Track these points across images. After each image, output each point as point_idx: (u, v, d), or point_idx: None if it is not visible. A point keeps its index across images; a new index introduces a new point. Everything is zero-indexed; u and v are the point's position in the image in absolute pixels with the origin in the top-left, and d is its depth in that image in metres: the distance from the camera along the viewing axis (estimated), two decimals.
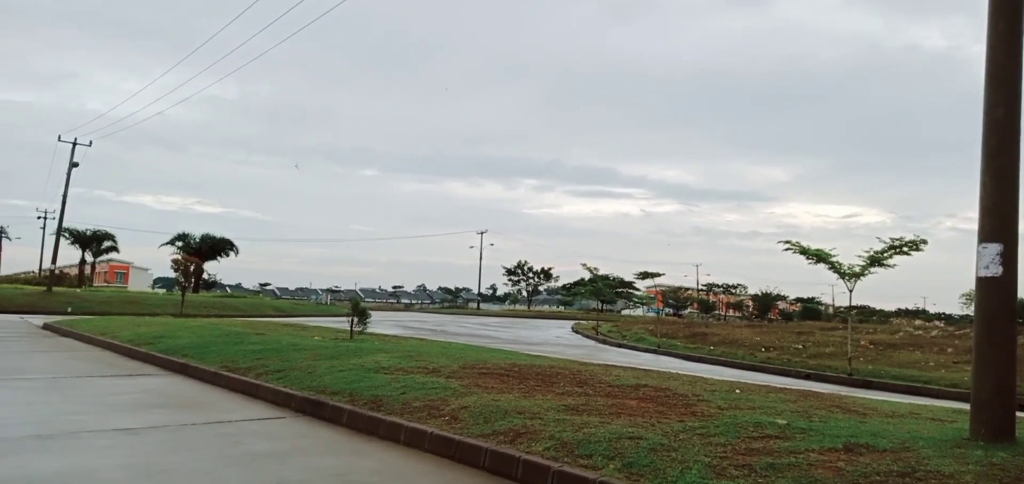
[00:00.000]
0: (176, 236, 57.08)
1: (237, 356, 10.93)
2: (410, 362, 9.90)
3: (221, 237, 59.34)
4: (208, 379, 10.10)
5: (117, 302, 35.45)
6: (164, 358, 11.84)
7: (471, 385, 8.08)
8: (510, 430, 5.97)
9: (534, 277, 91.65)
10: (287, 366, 9.80)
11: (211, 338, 13.34)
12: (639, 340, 26.48)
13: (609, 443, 5.39)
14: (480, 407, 6.79)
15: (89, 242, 56.93)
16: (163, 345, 12.86)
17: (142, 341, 13.63)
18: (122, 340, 14.22)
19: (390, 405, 7.21)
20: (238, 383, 9.41)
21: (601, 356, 18.32)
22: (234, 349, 11.71)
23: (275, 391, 8.58)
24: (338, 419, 7.32)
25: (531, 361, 11.31)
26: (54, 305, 31.63)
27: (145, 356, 12.48)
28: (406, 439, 6.40)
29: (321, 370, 9.32)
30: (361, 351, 11.33)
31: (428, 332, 25.54)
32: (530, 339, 26.21)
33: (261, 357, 10.71)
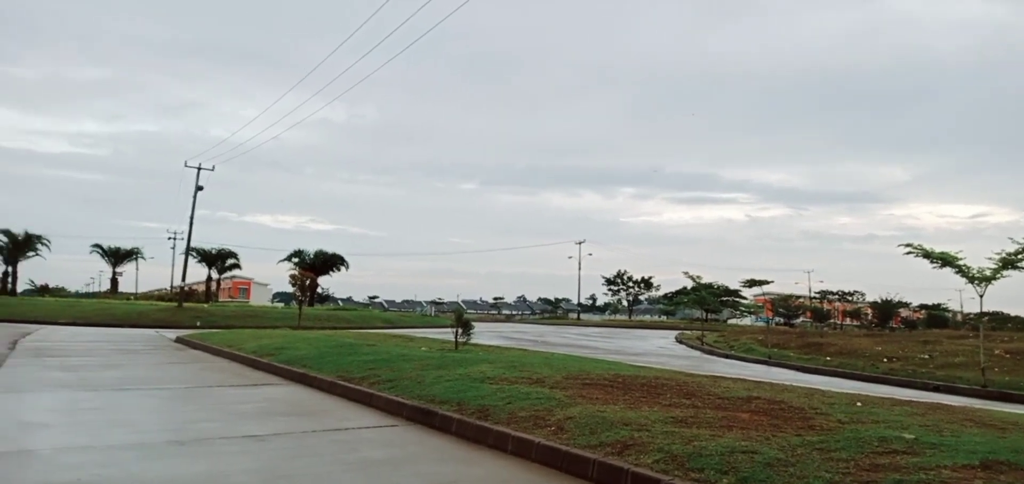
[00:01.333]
0: (292, 253, 60.34)
1: (351, 366, 11.43)
2: (514, 372, 10.01)
3: (333, 253, 62.20)
4: (325, 388, 10.61)
5: (240, 316, 37.85)
6: (285, 368, 12.54)
7: (575, 396, 8.08)
8: (617, 441, 5.93)
9: (634, 286, 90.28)
10: (397, 376, 10.14)
11: (326, 349, 14.01)
12: (748, 351, 25.54)
13: (721, 457, 5.25)
14: (585, 418, 6.79)
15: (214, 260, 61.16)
16: (283, 356, 13.62)
17: (264, 353, 14.50)
18: (247, 352, 15.18)
19: (496, 415, 7.32)
20: (353, 392, 9.83)
21: (707, 367, 17.82)
22: (348, 360, 12.24)
23: (387, 400, 8.90)
24: (447, 428, 7.51)
25: (635, 372, 11.17)
26: (184, 319, 34.16)
27: (268, 366, 13.26)
28: (513, 449, 6.48)
29: (429, 380, 9.59)
30: (466, 362, 11.56)
31: (529, 343, 25.70)
32: (632, 349, 25.85)
33: (373, 367, 11.15)
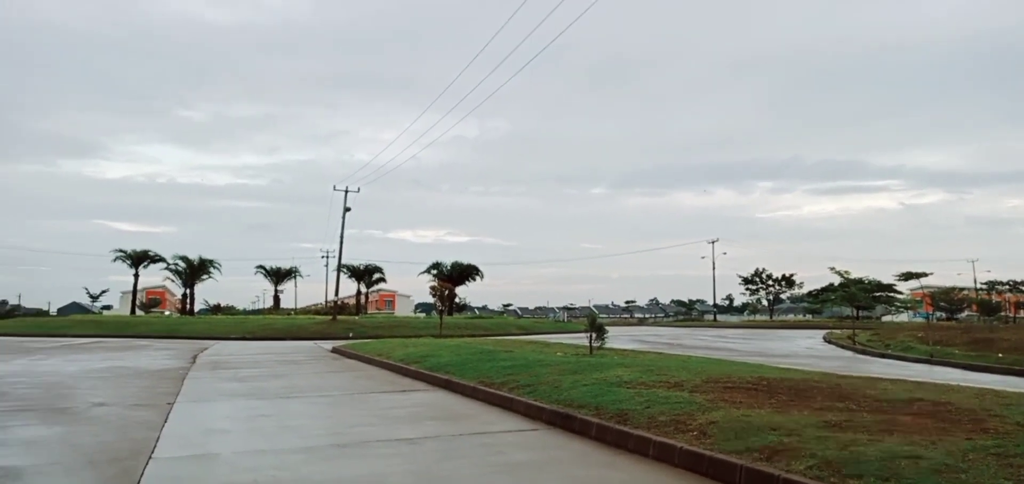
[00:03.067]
0: (431, 265, 63.07)
1: (491, 372, 11.80)
2: (651, 376, 9.92)
3: (468, 264, 64.24)
4: (468, 393, 11.03)
5: (387, 326, 39.92)
6: (430, 375, 13.15)
7: (717, 400, 7.90)
8: (765, 447, 5.76)
9: (774, 285, 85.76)
10: (535, 381, 10.35)
11: (467, 356, 14.53)
12: (906, 349, 23.61)
13: (881, 463, 4.96)
14: (729, 422, 6.63)
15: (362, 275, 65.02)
16: (428, 363, 14.28)
17: (411, 360, 15.27)
18: (395, 360, 16.05)
19: (636, 419, 7.32)
20: (494, 397, 10.15)
21: (860, 368, 16.68)
22: (488, 366, 12.64)
23: (527, 405, 9.12)
24: (587, 432, 7.59)
25: (780, 374, 10.72)
26: (338, 331, 36.51)
27: (415, 373, 13.96)
28: (655, 454, 6.45)
29: (566, 384, 9.71)
30: (602, 366, 11.59)
31: (664, 346, 25.22)
32: (775, 351, 24.67)
33: (512, 373, 11.44)
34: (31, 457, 6.51)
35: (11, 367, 16.46)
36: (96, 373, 14.86)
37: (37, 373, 14.83)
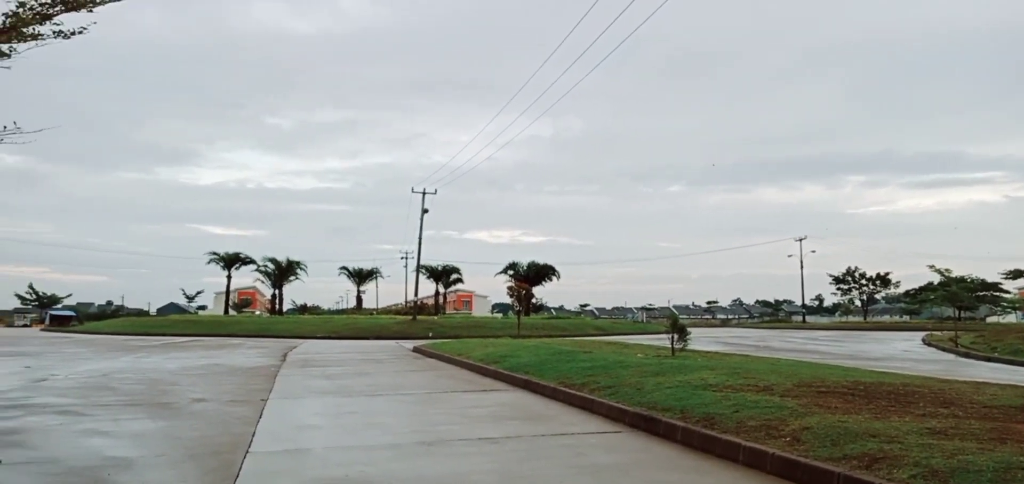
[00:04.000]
0: (507, 265, 63.42)
1: (571, 373, 11.74)
2: (738, 379, 9.64)
3: (544, 264, 64.24)
4: (548, 394, 11.01)
5: (465, 326, 40.45)
6: (509, 375, 13.22)
7: (810, 404, 7.59)
8: (864, 454, 5.48)
9: (867, 284, 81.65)
10: (616, 382, 10.23)
11: (546, 356, 14.52)
12: (1015, 353, 22.03)
13: (995, 473, 4.64)
14: (824, 428, 6.35)
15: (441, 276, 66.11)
16: (507, 363, 14.36)
17: (490, 360, 15.39)
18: (474, 360, 16.22)
19: (723, 423, 7.11)
20: (574, 398, 10.10)
21: (964, 372, 15.69)
22: (567, 366, 12.59)
23: (608, 406, 9.03)
24: (672, 436, 7.44)
25: (877, 378, 10.20)
26: (418, 331, 37.25)
27: (494, 373, 14.06)
28: (745, 459, 6.25)
29: (649, 386, 9.55)
30: (685, 368, 11.35)
31: (750, 348, 24.46)
32: (870, 354, 23.50)
33: (591, 374, 11.36)
34: (140, 449, 6.92)
35: (118, 364, 17.60)
36: (194, 370, 15.69)
37: (141, 370, 15.79)
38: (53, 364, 17.23)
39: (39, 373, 14.70)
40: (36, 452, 6.70)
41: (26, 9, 3.29)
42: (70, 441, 7.29)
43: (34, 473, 5.89)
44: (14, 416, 8.84)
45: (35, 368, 15.98)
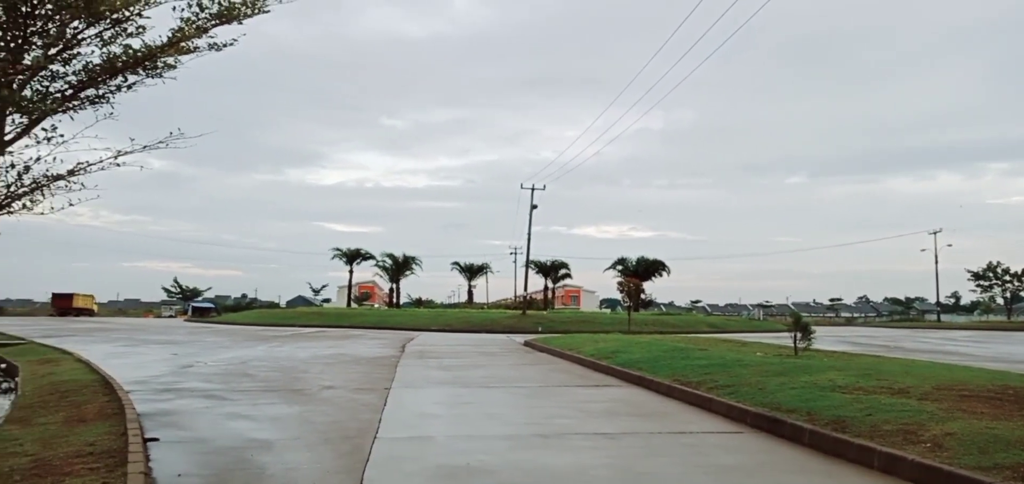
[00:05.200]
0: (616, 261, 62.54)
1: (686, 370, 11.50)
2: (869, 381, 9.11)
3: (654, 259, 62.93)
4: (663, 391, 10.84)
5: (575, 321, 40.46)
6: (622, 371, 13.12)
7: (952, 409, 7.06)
8: (1019, 464, 5.05)
9: (1012, 280, 74.49)
10: (736, 381, 9.93)
11: (659, 353, 14.29)
12: None
13: None
14: (970, 435, 5.90)
15: (549, 271, 66.30)
16: (619, 359, 14.25)
17: (602, 356, 15.33)
18: (585, 355, 16.21)
19: (856, 427, 6.75)
20: (691, 396, 9.88)
21: None
22: (682, 364, 12.34)
23: (728, 405, 8.77)
24: (798, 438, 7.13)
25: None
26: (527, 325, 37.63)
27: (606, 369, 14.00)
28: (880, 465, 5.90)
29: (771, 386, 9.21)
30: (810, 368, 10.84)
31: (880, 348, 22.95)
32: (1018, 356, 21.47)
33: (708, 372, 11.07)
34: (278, 432, 7.44)
35: (255, 352, 18.93)
36: (323, 359, 16.63)
37: (275, 358, 16.90)
38: (197, 352, 18.77)
39: (185, 360, 16.07)
40: (188, 432, 7.34)
41: (189, 25, 3.62)
42: (216, 423, 7.93)
43: (188, 451, 6.46)
44: (168, 399, 9.72)
45: (181, 355, 17.47)
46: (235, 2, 3.70)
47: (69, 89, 3.68)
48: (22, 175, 3.71)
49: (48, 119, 3.68)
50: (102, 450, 6.03)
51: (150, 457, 5.95)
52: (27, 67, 3.51)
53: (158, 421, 7.80)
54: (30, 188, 3.71)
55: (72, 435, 6.82)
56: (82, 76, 3.68)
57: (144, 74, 3.75)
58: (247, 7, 3.75)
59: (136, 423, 7.12)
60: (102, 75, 3.64)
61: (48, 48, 3.55)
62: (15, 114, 3.55)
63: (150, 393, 10.13)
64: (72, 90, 3.69)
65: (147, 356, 17.23)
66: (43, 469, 5.52)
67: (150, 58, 3.67)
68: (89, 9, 3.35)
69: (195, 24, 3.66)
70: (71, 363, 13.87)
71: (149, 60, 3.68)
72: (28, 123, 3.63)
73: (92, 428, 7.08)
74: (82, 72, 3.67)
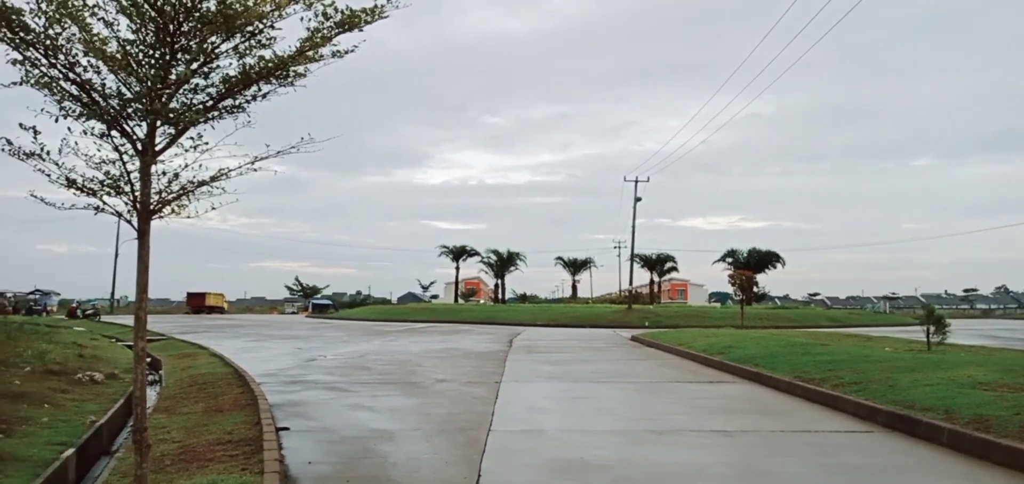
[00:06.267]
0: (725, 253, 60.68)
1: (807, 367, 10.98)
2: (1015, 377, 8.38)
3: (766, 250, 60.55)
4: (782, 388, 10.40)
5: (682, 316, 39.56)
6: (736, 367, 12.69)
7: None
8: None
9: None
10: (862, 378, 9.39)
11: (776, 348, 13.73)
12: None
13: None
14: None
15: (655, 265, 65.27)
16: (733, 355, 13.80)
17: (714, 351, 14.90)
18: (696, 350, 15.81)
19: (1002, 427, 6.21)
20: (813, 393, 9.43)
21: None
22: (802, 360, 11.80)
23: (855, 403, 8.30)
24: (935, 438, 6.65)
25: None
26: (633, 320, 37.14)
27: (719, 364, 13.59)
28: None
29: (903, 384, 8.64)
30: (946, 364, 10.09)
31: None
32: None
33: (832, 368, 10.53)
34: (397, 422, 7.73)
35: (370, 346, 19.75)
36: (434, 353, 17.11)
37: (390, 352, 17.56)
38: (319, 346, 19.80)
39: (309, 354, 16.99)
40: (314, 422, 7.75)
41: (316, 35, 3.82)
42: (340, 413, 8.33)
43: (316, 440, 6.83)
44: (295, 390, 10.31)
45: (305, 350, 18.48)
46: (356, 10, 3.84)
47: (209, 100, 3.96)
48: (171, 182, 4.01)
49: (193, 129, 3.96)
50: (239, 438, 6.48)
51: (282, 445, 6.33)
52: (173, 81, 3.80)
53: (287, 411, 8.29)
54: (178, 194, 4.00)
55: (212, 424, 7.37)
56: (221, 88, 3.94)
57: (276, 83, 3.98)
58: (367, 15, 3.89)
59: (268, 413, 7.60)
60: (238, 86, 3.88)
61: (190, 63, 3.82)
62: (164, 125, 3.85)
63: (279, 385, 10.78)
64: (212, 101, 3.96)
65: (274, 350, 18.35)
66: (189, 455, 6.00)
67: (281, 67, 3.88)
68: (227, 24, 3.58)
69: (320, 33, 3.84)
70: (207, 357, 14.99)
71: (281, 69, 3.89)
72: (174, 133, 3.93)
73: (229, 418, 7.62)
74: (221, 84, 3.93)
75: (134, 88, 3.87)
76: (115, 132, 3.92)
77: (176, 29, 3.71)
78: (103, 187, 3.94)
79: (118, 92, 3.86)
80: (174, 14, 3.70)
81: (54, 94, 3.98)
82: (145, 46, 3.86)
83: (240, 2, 3.66)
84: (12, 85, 3.98)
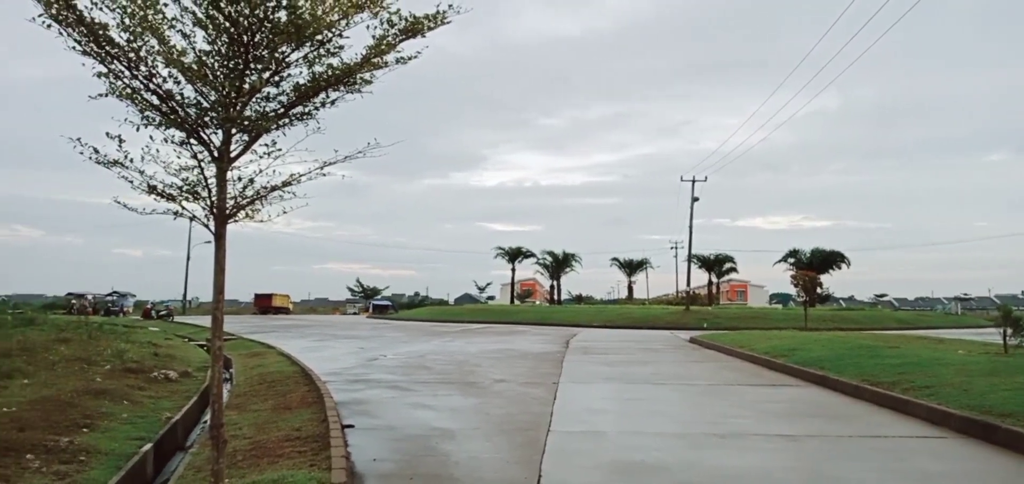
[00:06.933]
0: (787, 253, 59.17)
1: (876, 369, 10.64)
2: None
3: (830, 250, 58.77)
4: (849, 392, 10.09)
5: (742, 318, 38.69)
6: (800, 370, 12.37)
7: None
8: None
9: None
10: (936, 382, 9.04)
11: (843, 351, 13.33)
12: None
13: None
14: None
15: (713, 265, 64.06)
16: (797, 358, 13.45)
17: (777, 354, 14.55)
18: (758, 352, 15.46)
19: None
20: (883, 397, 9.12)
21: None
22: (870, 362, 11.43)
23: (928, 408, 7.99)
24: (1015, 445, 6.35)
25: None
26: (691, 322, 36.54)
27: (782, 367, 13.27)
28: None
29: (979, 388, 8.29)
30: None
31: None
32: None
33: (902, 371, 10.17)
34: (457, 422, 7.83)
35: (429, 346, 20.03)
36: (491, 354, 17.24)
37: (448, 352, 17.77)
38: (379, 346, 20.19)
39: (370, 354, 17.34)
40: (378, 420, 7.92)
41: (381, 42, 3.93)
42: (402, 412, 8.49)
43: (380, 437, 6.99)
44: (358, 389, 10.55)
45: (367, 349, 18.87)
46: (420, 17, 3.94)
47: (280, 108, 4.11)
48: (246, 187, 4.18)
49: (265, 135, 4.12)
50: (307, 435, 6.69)
51: (348, 442, 6.50)
52: (247, 90, 3.96)
53: (352, 409, 8.50)
54: (252, 199, 4.17)
55: (280, 421, 7.61)
56: (291, 95, 4.09)
57: (344, 90, 4.11)
58: (430, 21, 3.98)
59: (334, 411, 7.81)
60: (309, 93, 4.03)
61: (263, 72, 3.98)
62: (239, 133, 4.01)
63: (343, 383, 11.06)
64: (283, 109, 4.11)
65: (337, 350, 18.80)
66: (260, 451, 6.22)
67: (349, 75, 4.01)
68: (298, 34, 3.71)
69: (385, 41, 3.95)
70: (275, 356, 15.47)
71: (348, 77, 4.02)
72: (248, 140, 4.09)
73: (297, 415, 7.86)
74: (292, 92, 4.08)
75: (210, 97, 4.05)
76: (193, 140, 4.12)
77: (249, 40, 3.87)
78: (182, 193, 4.15)
79: (196, 101, 4.06)
80: (248, 25, 3.86)
81: (136, 104, 4.20)
82: (220, 56, 4.04)
83: (310, 12, 3.79)
84: (99, 97, 4.22)
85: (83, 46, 3.99)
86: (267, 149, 4.16)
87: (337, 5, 3.85)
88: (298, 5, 3.80)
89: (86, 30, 3.91)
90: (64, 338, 14.57)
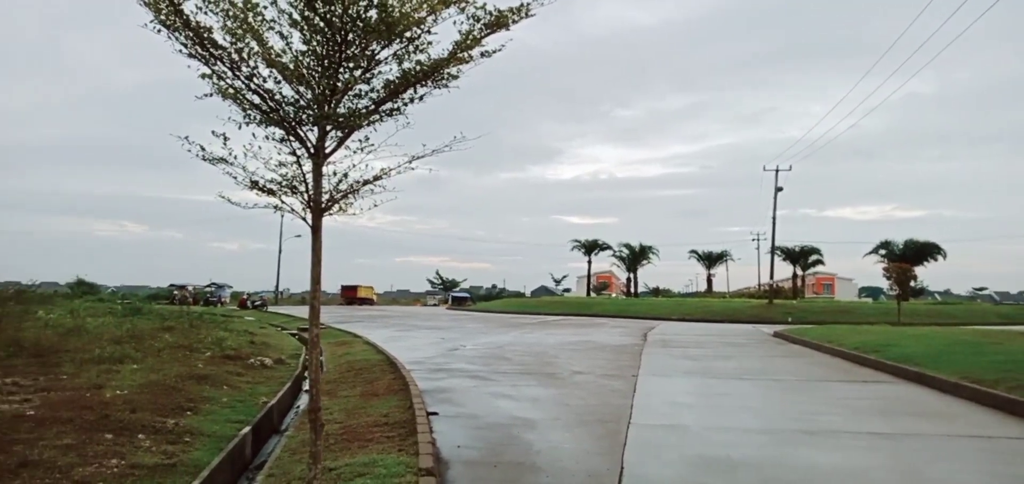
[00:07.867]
0: (879, 245, 56.38)
1: (978, 367, 10.05)
2: None
3: (924, 241, 55.65)
4: (947, 390, 9.58)
5: (829, 312, 37.25)
6: (893, 366, 11.82)
7: None
8: None
9: None
10: None
11: (941, 347, 12.66)
12: None
13: None
14: None
15: (798, 257, 61.83)
16: (891, 353, 12.86)
17: (867, 349, 13.94)
18: (847, 348, 14.86)
19: None
20: (986, 396, 8.62)
21: None
22: (972, 359, 10.82)
23: None
24: None
25: None
26: (775, 315, 35.45)
27: (873, 363, 12.71)
28: None
29: None
30: None
31: None
32: None
33: (1008, 369, 9.57)
34: (538, 412, 7.90)
35: (508, 338, 20.23)
36: (570, 346, 17.26)
37: (526, 344, 17.90)
38: (459, 337, 20.54)
39: (451, 344, 17.67)
40: (461, 408, 8.09)
41: (467, 36, 4.02)
42: (483, 401, 8.64)
43: (463, 425, 7.14)
44: (441, 378, 10.79)
45: (447, 340, 19.24)
46: (504, 11, 4.00)
47: (371, 104, 4.26)
48: (340, 181, 4.37)
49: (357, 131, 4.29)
50: (394, 421, 6.91)
51: (433, 429, 6.68)
52: (340, 88, 4.13)
53: (435, 397, 8.71)
54: (345, 192, 4.35)
55: (369, 407, 7.89)
56: (382, 92, 4.23)
57: (432, 85, 4.22)
58: (514, 14, 4.03)
59: (419, 399, 8.04)
60: (398, 89, 4.16)
61: (355, 70, 4.14)
62: (333, 129, 4.19)
63: (426, 372, 11.34)
64: (374, 105, 4.26)
65: (419, 339, 19.26)
66: (350, 436, 6.47)
67: (436, 70, 4.11)
68: (388, 32, 3.84)
69: (471, 35, 4.03)
70: (361, 345, 16.01)
71: (435, 72, 4.13)
72: (342, 136, 4.27)
73: (384, 402, 8.13)
74: (382, 89, 4.22)
75: (306, 96, 4.25)
76: (291, 137, 4.33)
77: (342, 39, 4.03)
78: (281, 188, 4.36)
79: (293, 100, 4.26)
80: (341, 25, 4.02)
81: (239, 103, 4.44)
82: (315, 56, 4.22)
83: (399, 9, 3.92)
84: (205, 97, 4.49)
85: (189, 49, 4.24)
86: (359, 145, 4.32)
87: (425, 2, 3.96)
88: (388, 3, 3.93)
89: (192, 33, 4.16)
90: (168, 326, 15.53)
